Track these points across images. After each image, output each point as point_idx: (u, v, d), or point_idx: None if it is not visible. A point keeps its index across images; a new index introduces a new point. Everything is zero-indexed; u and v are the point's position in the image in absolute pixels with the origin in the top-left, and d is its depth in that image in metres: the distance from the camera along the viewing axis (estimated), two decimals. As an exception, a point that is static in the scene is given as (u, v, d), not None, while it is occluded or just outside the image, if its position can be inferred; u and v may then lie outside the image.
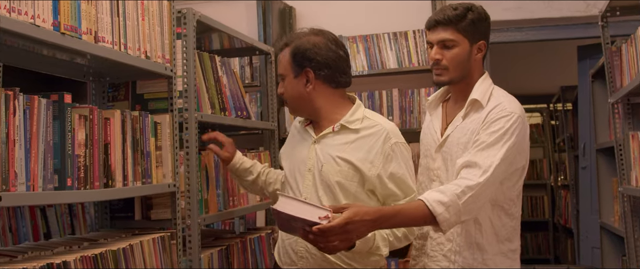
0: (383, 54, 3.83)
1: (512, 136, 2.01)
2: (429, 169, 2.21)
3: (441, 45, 2.12)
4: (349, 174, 2.13)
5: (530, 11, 3.87)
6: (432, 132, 2.24)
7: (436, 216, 1.89)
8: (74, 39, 1.88)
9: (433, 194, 1.93)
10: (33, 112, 1.71)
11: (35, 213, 2.64)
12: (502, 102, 2.08)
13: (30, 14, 1.71)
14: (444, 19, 2.10)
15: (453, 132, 2.13)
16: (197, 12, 2.68)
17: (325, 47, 2.19)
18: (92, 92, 2.57)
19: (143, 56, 2.25)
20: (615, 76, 3.24)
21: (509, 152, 2.00)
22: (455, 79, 2.14)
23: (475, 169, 1.96)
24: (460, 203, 1.91)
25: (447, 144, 2.14)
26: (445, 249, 2.13)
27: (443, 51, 2.11)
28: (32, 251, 1.89)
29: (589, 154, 4.47)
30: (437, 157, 2.18)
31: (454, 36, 2.09)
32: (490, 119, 2.04)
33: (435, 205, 1.89)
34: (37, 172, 1.72)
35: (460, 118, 2.13)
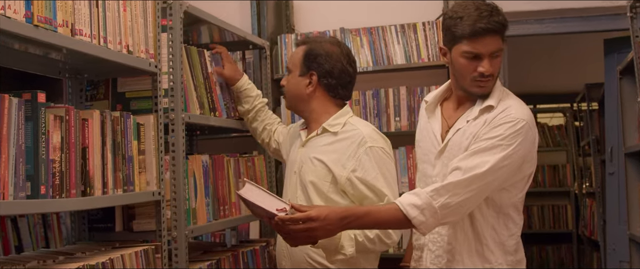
0: (389, 49, 3.83)
1: (512, 143, 2.04)
2: (427, 175, 2.23)
3: (493, 56, 2.10)
4: (321, 174, 2.45)
5: (552, 1, 3.87)
6: (431, 136, 2.24)
7: (410, 219, 1.99)
8: (48, 32, 1.88)
9: (407, 196, 2.04)
10: (3, 112, 1.71)
11: (5, 224, 2.65)
12: (510, 106, 2.12)
13: (0, 5, 1.71)
14: (498, 26, 2.08)
15: (454, 137, 2.15)
16: (184, 2, 2.68)
17: (337, 58, 2.53)
18: (68, 90, 2.57)
19: (124, 51, 2.26)
20: (646, 73, 3.24)
21: (504, 161, 2.03)
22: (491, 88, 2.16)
23: (459, 171, 2.03)
24: (436, 205, 1.99)
25: (448, 149, 2.16)
26: (443, 262, 2.16)
27: (493, 61, 2.11)
28: (3, 266, 1.89)
29: (616, 159, 4.46)
30: (436, 163, 2.19)
31: (501, 45, 2.11)
32: (493, 123, 2.08)
33: (409, 208, 1.99)
34: (8, 179, 1.72)
35: (465, 121, 2.15)
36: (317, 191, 2.46)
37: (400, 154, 3.79)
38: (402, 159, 3.79)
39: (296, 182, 2.56)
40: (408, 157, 3.78)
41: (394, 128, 3.82)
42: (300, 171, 2.54)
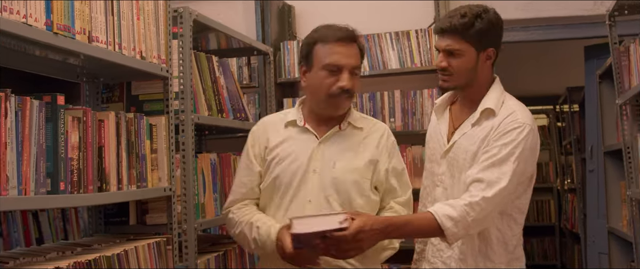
0: (385, 54, 3.83)
1: (523, 149, 2.02)
2: (434, 174, 2.21)
3: (447, 52, 2.11)
4: (363, 172, 2.15)
5: (536, 10, 3.87)
6: (438, 136, 2.23)
7: (444, 230, 1.95)
8: (67, 39, 1.88)
9: (443, 208, 1.97)
10: (25, 114, 1.71)
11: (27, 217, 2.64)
12: (514, 111, 2.09)
13: (23, 13, 1.71)
14: (451, 27, 2.08)
15: (460, 139, 2.13)
16: (193, 11, 2.68)
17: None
18: (85, 93, 2.57)
19: (138, 56, 2.25)
20: (624, 77, 3.24)
21: (518, 167, 2.02)
22: (460, 85, 2.15)
23: (484, 185, 1.98)
24: (469, 220, 1.95)
25: (453, 150, 2.14)
26: (444, 256, 2.14)
27: (449, 59, 2.11)
28: (24, 257, 1.89)
29: (596, 157, 4.46)
30: (442, 162, 2.17)
31: (459, 45, 2.08)
32: (502, 129, 2.05)
33: (445, 220, 1.95)
34: (29, 176, 1.71)
35: (470, 125, 2.12)
36: (358, 191, 2.13)
37: (394, 153, 3.79)
38: (397, 158, 3.79)
39: (321, 183, 2.12)
40: (402, 156, 3.77)
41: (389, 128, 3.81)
42: (333, 169, 2.13)
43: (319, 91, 2.11)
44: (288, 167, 2.13)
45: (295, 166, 2.13)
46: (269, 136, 2.20)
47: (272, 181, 2.15)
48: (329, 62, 2.08)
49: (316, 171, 2.12)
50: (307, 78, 2.16)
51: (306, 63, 2.16)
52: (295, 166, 2.13)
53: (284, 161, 2.14)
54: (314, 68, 2.12)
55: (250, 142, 2.24)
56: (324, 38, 2.13)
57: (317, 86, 2.11)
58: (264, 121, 2.29)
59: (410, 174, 3.75)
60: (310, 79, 2.15)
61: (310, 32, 2.21)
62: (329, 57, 2.09)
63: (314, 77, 2.12)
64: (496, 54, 2.16)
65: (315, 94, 2.14)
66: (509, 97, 2.17)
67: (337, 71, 2.08)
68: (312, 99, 2.18)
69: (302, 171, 2.12)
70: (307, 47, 2.17)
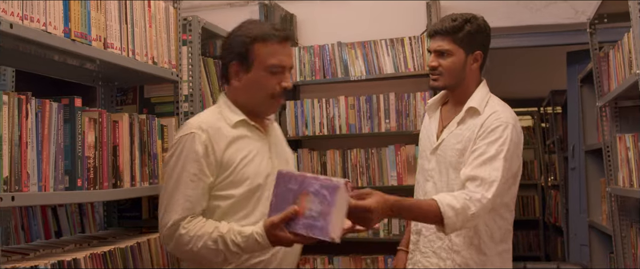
0: (380, 60, 3.83)
1: (509, 145, 2.02)
2: (425, 169, 2.22)
3: (438, 53, 2.15)
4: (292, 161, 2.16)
5: (522, 18, 3.87)
6: (429, 134, 2.25)
7: (445, 218, 1.90)
8: (84, 46, 1.88)
9: (447, 197, 1.94)
10: (45, 115, 1.71)
11: (46, 212, 2.64)
12: (497, 110, 2.09)
13: (42, 22, 1.71)
14: (442, 29, 2.13)
15: (448, 137, 2.15)
16: (202, 19, 2.68)
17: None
18: (101, 96, 2.57)
19: (150, 62, 2.26)
20: (603, 81, 3.24)
21: (507, 163, 2.02)
22: (449, 85, 2.17)
23: (479, 182, 1.97)
24: (469, 213, 1.93)
25: (441, 147, 2.16)
26: (435, 246, 2.14)
27: (439, 59, 2.14)
28: (44, 249, 1.89)
29: (577, 156, 4.46)
30: (432, 158, 2.19)
31: (450, 46, 2.12)
32: (487, 127, 2.05)
33: (447, 209, 1.91)
34: (49, 173, 1.71)
35: (456, 124, 2.14)
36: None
37: (389, 152, 3.80)
38: (391, 156, 3.79)
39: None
40: (397, 154, 3.79)
41: (384, 129, 3.82)
42: (282, 164, 2.00)
43: (261, 91, 1.90)
44: (258, 167, 1.89)
45: (263, 166, 1.91)
46: (219, 142, 1.86)
47: (247, 185, 1.86)
48: (274, 63, 1.87)
49: (275, 166, 1.93)
50: (245, 78, 1.90)
51: (243, 62, 1.89)
52: (263, 166, 1.91)
53: (252, 162, 1.89)
54: (255, 68, 1.88)
55: (200, 151, 1.82)
56: (264, 37, 1.88)
57: (259, 87, 1.89)
58: (202, 127, 1.86)
59: (404, 171, 3.75)
60: (249, 80, 1.90)
61: (240, 30, 1.93)
62: (272, 58, 1.87)
63: (254, 78, 1.89)
64: (483, 57, 2.18)
65: (255, 94, 1.91)
66: (493, 97, 2.18)
67: (280, 71, 1.89)
68: (249, 99, 1.92)
69: (270, 168, 1.92)
70: (243, 45, 1.89)
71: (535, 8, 3.86)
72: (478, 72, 2.20)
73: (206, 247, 1.77)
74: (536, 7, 3.86)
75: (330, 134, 3.88)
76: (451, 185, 2.10)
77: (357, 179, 3.83)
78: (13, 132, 1.59)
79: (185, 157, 1.83)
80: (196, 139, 1.83)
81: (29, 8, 1.66)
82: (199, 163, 1.82)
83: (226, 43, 1.95)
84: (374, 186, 3.76)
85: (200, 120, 1.89)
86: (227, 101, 1.96)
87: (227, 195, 1.85)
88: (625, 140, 2.78)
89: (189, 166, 1.82)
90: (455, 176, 2.09)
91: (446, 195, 1.96)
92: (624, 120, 3.16)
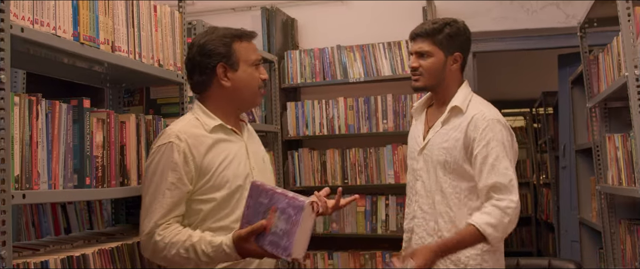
0: (378, 62, 3.83)
1: (504, 141, 2.06)
2: (413, 169, 2.24)
3: (418, 55, 2.18)
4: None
5: (514, 22, 3.87)
6: (415, 136, 2.27)
7: (487, 236, 1.98)
8: (92, 49, 1.88)
9: (483, 217, 2.00)
10: (54, 116, 1.71)
11: (56, 209, 2.65)
12: (481, 109, 2.12)
13: (52, 26, 1.71)
14: (423, 32, 2.16)
15: (433, 137, 2.17)
16: (206, 23, 2.68)
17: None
18: (109, 97, 2.57)
19: (156, 64, 2.26)
20: (593, 83, 3.25)
21: (509, 157, 2.07)
22: (430, 85, 2.20)
23: (500, 189, 2.02)
24: (505, 222, 2.00)
25: (428, 147, 2.18)
26: (426, 243, 2.14)
27: (420, 60, 2.18)
28: (54, 245, 1.89)
29: (568, 155, 4.47)
30: (419, 159, 2.22)
31: (430, 48, 2.15)
32: (477, 128, 2.07)
33: (486, 227, 1.98)
34: (58, 172, 1.72)
35: (440, 124, 2.17)
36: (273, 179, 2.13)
37: (387, 151, 3.80)
38: (389, 155, 3.79)
39: (261, 179, 1.88)
40: (394, 154, 3.79)
41: (382, 129, 3.82)
42: (260, 164, 2.01)
43: (251, 86, 1.93)
44: (237, 169, 1.89)
45: (242, 167, 1.90)
46: (198, 148, 1.84)
47: (227, 188, 1.85)
48: (256, 58, 1.94)
49: (254, 168, 1.95)
50: (234, 77, 1.91)
51: (230, 62, 1.90)
52: (242, 167, 1.90)
53: (231, 164, 1.88)
54: (241, 66, 1.91)
55: (178, 161, 1.81)
56: (240, 36, 1.94)
57: (249, 82, 1.92)
58: (180, 136, 1.84)
59: (401, 170, 3.75)
60: (238, 77, 1.91)
61: (214, 34, 1.93)
62: (253, 54, 1.94)
63: (242, 75, 1.91)
64: (463, 59, 2.21)
65: (244, 90, 1.93)
66: (475, 96, 2.21)
67: (259, 64, 1.96)
68: (237, 97, 1.94)
69: (248, 169, 1.92)
70: (224, 47, 1.90)
71: (530, 11, 3.86)
72: (458, 73, 2.22)
73: (179, 255, 1.77)
74: (530, 10, 3.86)
75: (330, 134, 3.88)
76: (440, 182, 2.12)
77: (356, 177, 3.83)
78: (24, 132, 1.59)
79: (163, 166, 1.82)
80: (174, 148, 1.82)
81: (39, 12, 1.66)
82: (177, 172, 1.81)
83: (204, 48, 1.91)
84: (372, 184, 3.77)
85: (177, 129, 1.87)
86: (201, 106, 1.95)
87: (208, 199, 1.85)
88: (614, 140, 2.79)
89: (167, 175, 1.81)
90: (443, 174, 2.11)
91: (481, 214, 2.01)
92: (613, 120, 3.16)
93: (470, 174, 2.09)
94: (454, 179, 2.11)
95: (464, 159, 2.08)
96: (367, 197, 3.81)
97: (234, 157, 1.90)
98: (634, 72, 2.30)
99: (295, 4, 4.21)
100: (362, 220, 3.81)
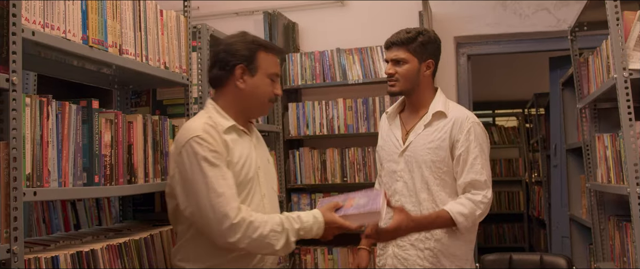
0: (376, 65, 3.83)
1: (481, 141, 2.17)
2: (393, 171, 2.27)
3: (394, 62, 2.23)
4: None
5: (508, 26, 3.87)
6: (393, 139, 2.30)
7: (457, 224, 2.10)
8: (100, 52, 1.88)
9: (456, 206, 2.11)
10: (64, 116, 1.71)
11: (66, 206, 2.65)
12: (463, 112, 2.21)
13: (62, 29, 1.71)
14: (398, 40, 2.23)
15: (416, 139, 2.22)
16: (210, 27, 2.68)
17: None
18: (117, 98, 2.57)
19: (162, 67, 2.26)
20: (583, 84, 3.24)
21: (485, 156, 2.18)
22: (405, 90, 2.26)
23: (476, 185, 2.13)
24: (477, 214, 2.12)
25: (410, 149, 2.22)
26: (412, 239, 2.19)
27: (396, 67, 2.23)
28: (64, 241, 1.89)
29: (559, 154, 4.46)
30: (400, 160, 2.24)
31: (405, 55, 2.21)
32: (462, 130, 2.16)
33: (457, 216, 2.10)
34: (68, 170, 1.72)
35: (422, 126, 2.21)
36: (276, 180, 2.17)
37: (384, 150, 3.79)
38: (386, 154, 3.79)
39: (264, 178, 1.99)
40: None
41: (380, 129, 3.81)
42: (264, 163, 2.04)
43: (262, 96, 1.93)
44: (249, 168, 1.89)
45: (251, 167, 1.90)
46: (221, 140, 1.84)
47: (240, 183, 1.85)
48: (275, 72, 1.95)
49: (260, 167, 1.96)
50: (250, 82, 1.91)
51: (250, 67, 1.90)
52: (251, 167, 1.90)
53: (245, 163, 1.88)
54: (259, 74, 1.91)
55: (217, 149, 1.80)
56: (268, 47, 1.95)
57: (261, 91, 1.92)
58: (206, 129, 1.83)
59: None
60: (253, 83, 1.91)
61: (245, 37, 1.96)
62: (274, 67, 1.95)
63: (258, 82, 1.91)
64: (435, 65, 2.27)
65: (255, 97, 1.92)
66: (450, 101, 2.29)
67: (277, 80, 1.97)
68: (248, 101, 1.93)
69: (255, 169, 1.92)
70: (249, 51, 1.91)
71: (523, 15, 3.86)
72: (431, 78, 2.29)
73: (273, 231, 1.77)
74: (522, 15, 3.86)
75: (330, 133, 3.88)
76: (426, 181, 2.17)
77: (355, 176, 3.83)
78: (35, 132, 1.59)
79: (204, 154, 1.77)
80: (206, 138, 1.79)
81: (49, 16, 1.66)
82: (221, 156, 1.79)
83: (231, 47, 1.92)
84: (370, 183, 3.76)
85: (195, 123, 1.85)
86: (215, 106, 1.93)
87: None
88: (604, 139, 2.79)
89: (214, 161, 1.78)
90: (429, 173, 2.17)
91: (455, 204, 2.12)
92: (602, 121, 3.16)
93: (453, 172, 2.18)
94: (440, 177, 2.17)
95: (449, 157, 2.16)
96: (365, 195, 3.80)
97: (247, 156, 1.91)
98: (622, 74, 2.30)
99: (296, 9, 4.21)
100: (360, 217, 3.81)
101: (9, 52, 1.49)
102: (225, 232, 1.74)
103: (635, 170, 2.23)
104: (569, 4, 3.72)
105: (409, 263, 2.18)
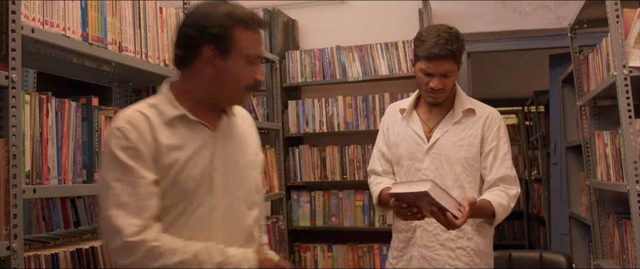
0: (376, 62, 3.83)
1: (508, 138, 2.19)
2: (417, 169, 2.15)
3: (443, 75, 2.07)
4: (258, 166, 1.72)
5: (508, 24, 3.87)
6: (414, 137, 2.18)
7: (496, 215, 2.06)
8: (100, 49, 1.88)
9: (497, 198, 2.08)
10: (64, 114, 1.71)
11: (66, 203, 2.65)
12: (490, 109, 2.20)
13: (62, 26, 1.71)
14: (449, 53, 2.02)
15: (443, 137, 2.14)
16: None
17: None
18: (116, 95, 2.57)
19: (162, 64, 2.26)
20: (583, 82, 3.24)
21: (511, 153, 2.20)
22: (446, 98, 2.17)
23: (509, 180, 2.14)
24: (509, 209, 2.10)
25: (437, 146, 2.13)
26: (442, 238, 2.11)
27: (443, 79, 2.08)
28: (63, 238, 1.89)
29: (559, 152, 4.47)
30: (425, 158, 2.14)
31: (452, 67, 2.07)
32: (493, 126, 2.16)
33: (498, 207, 2.06)
34: (68, 167, 1.72)
35: (451, 124, 2.15)
36: (258, 188, 1.65)
37: (384, 148, 3.79)
38: (386, 152, 3.79)
39: (223, 185, 1.52)
40: (391, 150, 3.78)
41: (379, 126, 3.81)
42: (230, 168, 1.55)
43: (236, 82, 1.50)
44: (192, 170, 1.47)
45: (196, 169, 1.47)
46: (156, 135, 1.45)
47: (177, 191, 1.45)
48: (254, 53, 1.50)
49: (220, 170, 1.51)
50: (221, 66, 1.47)
51: (221, 48, 1.47)
52: (196, 169, 1.47)
53: (188, 165, 1.46)
54: (234, 57, 1.47)
55: (137, 146, 1.42)
56: (247, 22, 1.50)
57: (235, 76, 1.49)
58: (134, 119, 1.45)
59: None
60: (225, 68, 1.48)
61: (217, 8, 1.50)
62: (254, 48, 1.50)
63: (231, 67, 1.48)
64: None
65: (227, 85, 1.50)
66: (473, 99, 2.25)
67: (257, 62, 1.52)
68: (215, 89, 1.50)
69: (208, 173, 1.49)
70: (222, 28, 1.47)
71: (523, 13, 3.86)
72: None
73: (182, 261, 1.38)
74: (522, 12, 3.86)
75: (330, 131, 3.88)
76: (459, 179, 2.11)
77: (354, 173, 3.83)
78: (35, 130, 1.60)
79: (113, 154, 1.43)
80: (126, 131, 1.44)
81: (49, 14, 1.66)
82: (137, 158, 1.43)
83: (199, 21, 1.48)
84: (370, 180, 3.77)
85: (130, 113, 1.48)
86: (169, 91, 1.54)
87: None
88: (603, 137, 2.79)
89: (125, 161, 1.42)
90: (461, 170, 2.12)
91: (494, 195, 2.09)
92: (602, 118, 3.16)
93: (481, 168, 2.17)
94: (472, 174, 2.13)
95: (479, 153, 2.15)
96: (365, 192, 3.81)
97: (195, 155, 1.48)
98: (622, 71, 2.30)
99: (295, 6, 4.20)
100: (360, 214, 3.82)
101: (8, 49, 1.49)
102: (116, 251, 1.37)
103: (634, 168, 2.23)
104: (569, 2, 3.72)
105: (438, 263, 2.09)
